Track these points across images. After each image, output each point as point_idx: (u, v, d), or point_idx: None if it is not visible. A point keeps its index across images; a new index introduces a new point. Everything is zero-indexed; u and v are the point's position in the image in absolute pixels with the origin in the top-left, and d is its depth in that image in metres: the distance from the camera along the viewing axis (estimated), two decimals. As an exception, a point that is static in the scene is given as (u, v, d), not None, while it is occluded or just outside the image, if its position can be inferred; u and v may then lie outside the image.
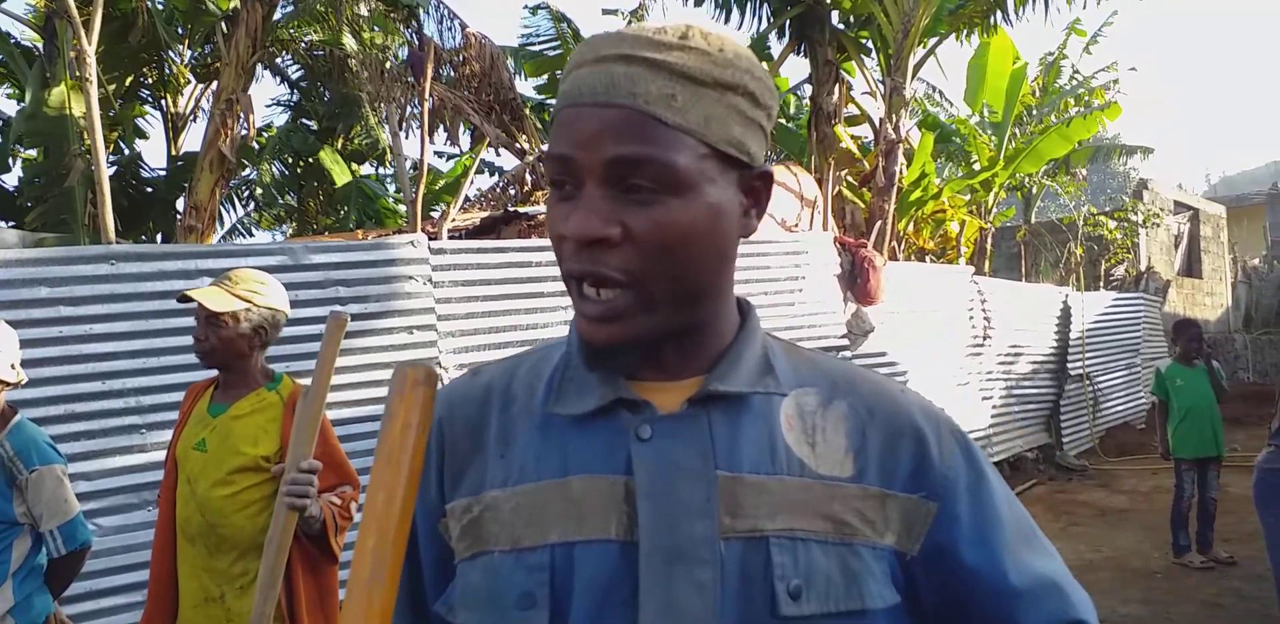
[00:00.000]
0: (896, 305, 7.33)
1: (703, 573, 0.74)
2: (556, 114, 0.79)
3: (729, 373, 0.81)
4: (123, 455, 3.95)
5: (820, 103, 10.26)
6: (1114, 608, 4.95)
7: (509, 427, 0.84)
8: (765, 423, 0.81)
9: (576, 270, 0.76)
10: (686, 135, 0.75)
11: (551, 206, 0.79)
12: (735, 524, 0.76)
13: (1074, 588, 0.86)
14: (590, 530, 0.76)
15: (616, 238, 0.74)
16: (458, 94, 7.65)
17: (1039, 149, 11.44)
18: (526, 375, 0.87)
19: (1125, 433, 10.69)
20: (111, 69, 9.50)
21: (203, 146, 7.09)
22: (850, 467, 0.80)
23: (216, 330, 2.33)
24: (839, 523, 0.78)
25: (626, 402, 0.80)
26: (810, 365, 0.87)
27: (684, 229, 0.75)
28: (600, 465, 0.78)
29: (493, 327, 5.01)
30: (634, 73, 0.75)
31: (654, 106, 0.74)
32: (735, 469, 0.78)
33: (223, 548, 2.26)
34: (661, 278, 0.76)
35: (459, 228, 6.04)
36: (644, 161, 0.73)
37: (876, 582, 0.78)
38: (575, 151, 0.75)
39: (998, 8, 10.31)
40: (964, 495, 0.83)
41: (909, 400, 0.86)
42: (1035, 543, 0.87)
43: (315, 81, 12.28)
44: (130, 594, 3.79)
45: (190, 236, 6.83)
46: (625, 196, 0.75)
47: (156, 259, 4.18)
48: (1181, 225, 17.85)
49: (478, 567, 0.80)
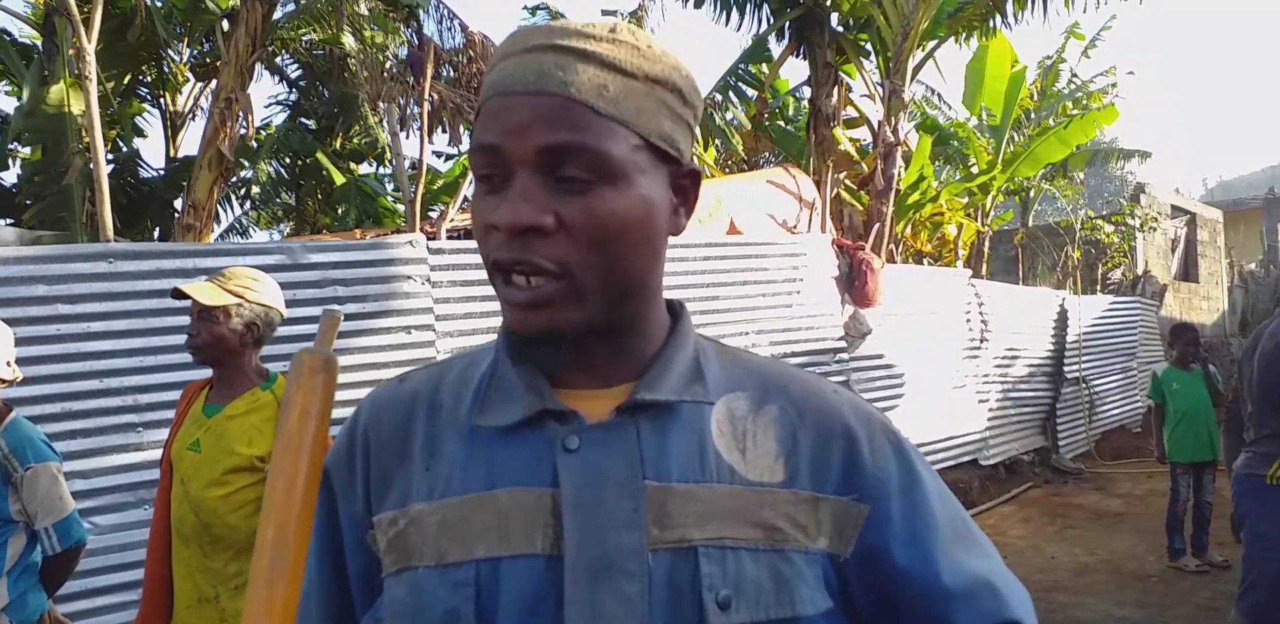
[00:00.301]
0: (894, 308, 7.33)
1: (630, 586, 0.73)
2: (483, 105, 0.77)
3: (657, 380, 0.80)
4: (119, 454, 3.95)
5: (819, 105, 10.26)
6: (1109, 611, 4.96)
7: (435, 437, 0.82)
8: (695, 430, 0.79)
9: (506, 259, 0.74)
10: (619, 125, 0.74)
11: (478, 200, 0.77)
12: (663, 535, 0.75)
13: (1010, 587, 0.85)
14: (516, 545, 0.75)
15: (550, 226, 0.72)
16: (458, 93, 7.64)
17: (1036, 153, 11.45)
18: (454, 383, 0.85)
19: (1121, 436, 10.71)
20: (110, 67, 9.48)
21: (201, 145, 7.07)
22: (781, 471, 0.79)
23: (208, 325, 2.33)
24: (770, 529, 0.77)
25: (553, 412, 0.78)
26: (742, 368, 0.85)
27: (618, 219, 0.74)
28: (527, 477, 0.77)
29: (491, 327, 5.00)
30: (564, 62, 0.74)
31: (586, 95, 0.73)
32: (664, 478, 0.76)
33: (217, 548, 2.25)
34: (593, 269, 0.74)
35: (457, 228, 6.03)
36: (577, 149, 0.72)
37: (809, 588, 0.77)
38: (505, 140, 0.73)
39: (996, 11, 10.32)
40: (896, 496, 0.82)
41: (840, 401, 0.85)
42: (971, 543, 0.85)
43: (314, 81, 12.27)
44: (125, 593, 3.79)
45: (188, 235, 6.82)
46: (557, 186, 0.73)
47: (154, 257, 4.18)
48: (1178, 229, 17.87)
49: (403, 582, 0.78)
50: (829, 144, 10.03)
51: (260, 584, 0.71)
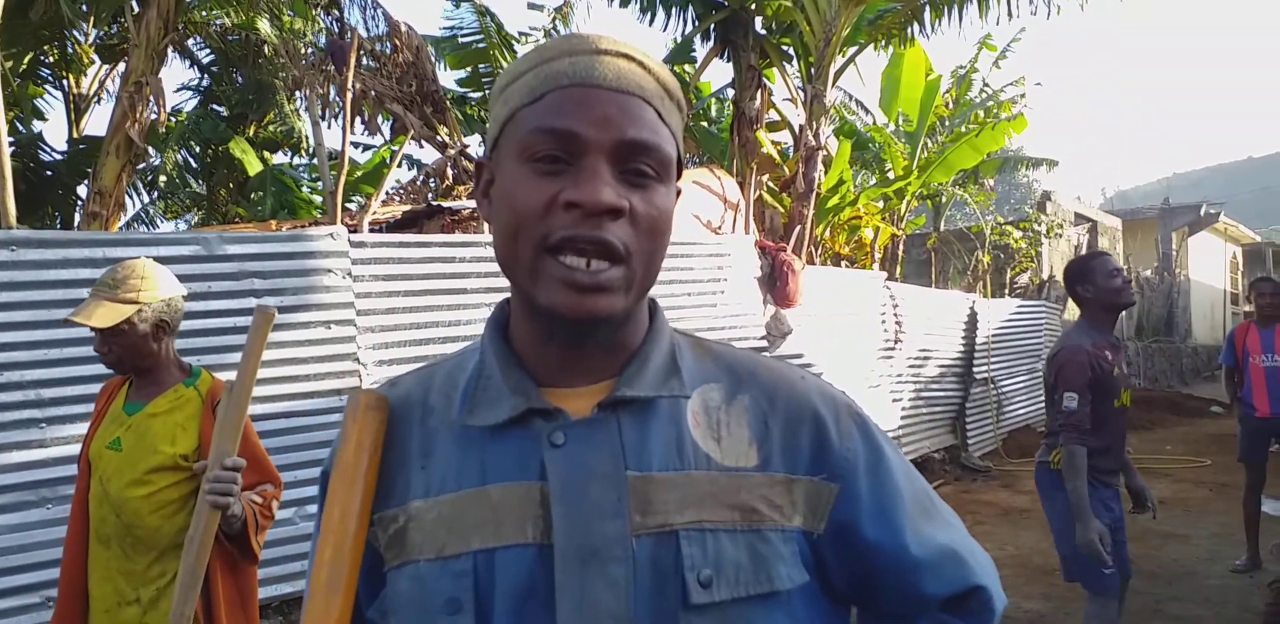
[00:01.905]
0: (813, 308, 7.45)
1: (616, 570, 0.77)
2: (551, 92, 0.79)
3: (636, 377, 0.84)
4: (20, 451, 3.77)
5: (743, 107, 10.37)
6: (1018, 604, 5.13)
7: (429, 438, 0.87)
8: (673, 422, 0.84)
9: (584, 236, 0.76)
10: (671, 134, 0.82)
11: (528, 180, 0.78)
12: (646, 521, 0.79)
13: (973, 555, 0.92)
14: (509, 536, 0.79)
15: (626, 210, 0.77)
16: (380, 82, 7.50)
17: (950, 159, 11.78)
18: (443, 385, 0.90)
19: (1027, 435, 11.05)
20: (9, 45, 9.05)
21: (109, 130, 6.80)
22: (755, 456, 0.84)
23: (116, 340, 2.23)
24: (747, 511, 0.81)
25: (539, 410, 0.82)
26: (714, 360, 0.90)
27: (667, 216, 0.81)
28: (516, 473, 0.81)
29: (414, 322, 4.92)
30: (635, 70, 0.82)
31: (655, 102, 0.81)
32: (645, 468, 0.81)
33: (139, 549, 2.18)
34: (643, 258, 0.80)
35: (379, 221, 5.92)
36: (652, 148, 0.79)
37: (786, 564, 0.82)
38: (587, 129, 0.77)
39: (915, 19, 10.55)
40: (864, 474, 0.87)
41: (808, 386, 0.90)
42: (935, 515, 0.92)
43: (228, 67, 11.90)
44: (28, 595, 3.63)
45: (94, 223, 6.54)
46: (623, 178, 0.79)
47: (61, 246, 4.00)
48: (1081, 236, 18.58)
49: (405, 575, 0.83)
50: (752, 146, 10.13)
51: (318, 598, 0.80)
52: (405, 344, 4.87)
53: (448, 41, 11.30)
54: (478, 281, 5.06)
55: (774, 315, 7.08)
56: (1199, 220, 22.82)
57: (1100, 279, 3.42)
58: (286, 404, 4.44)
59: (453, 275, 5.04)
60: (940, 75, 12.97)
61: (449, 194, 8.85)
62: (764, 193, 10.16)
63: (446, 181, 8.95)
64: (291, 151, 13.19)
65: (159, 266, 2.38)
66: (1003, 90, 15.51)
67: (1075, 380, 3.34)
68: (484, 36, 11.17)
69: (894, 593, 0.89)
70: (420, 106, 8.66)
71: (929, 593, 0.88)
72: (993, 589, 0.91)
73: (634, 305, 0.82)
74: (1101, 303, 3.45)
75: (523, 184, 0.79)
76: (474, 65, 11.32)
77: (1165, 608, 4.98)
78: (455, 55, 11.25)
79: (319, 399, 4.56)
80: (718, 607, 0.78)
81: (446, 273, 5.03)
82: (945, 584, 0.88)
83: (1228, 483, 8.03)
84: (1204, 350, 21.16)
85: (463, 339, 4.95)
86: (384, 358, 4.79)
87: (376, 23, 8.40)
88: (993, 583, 0.92)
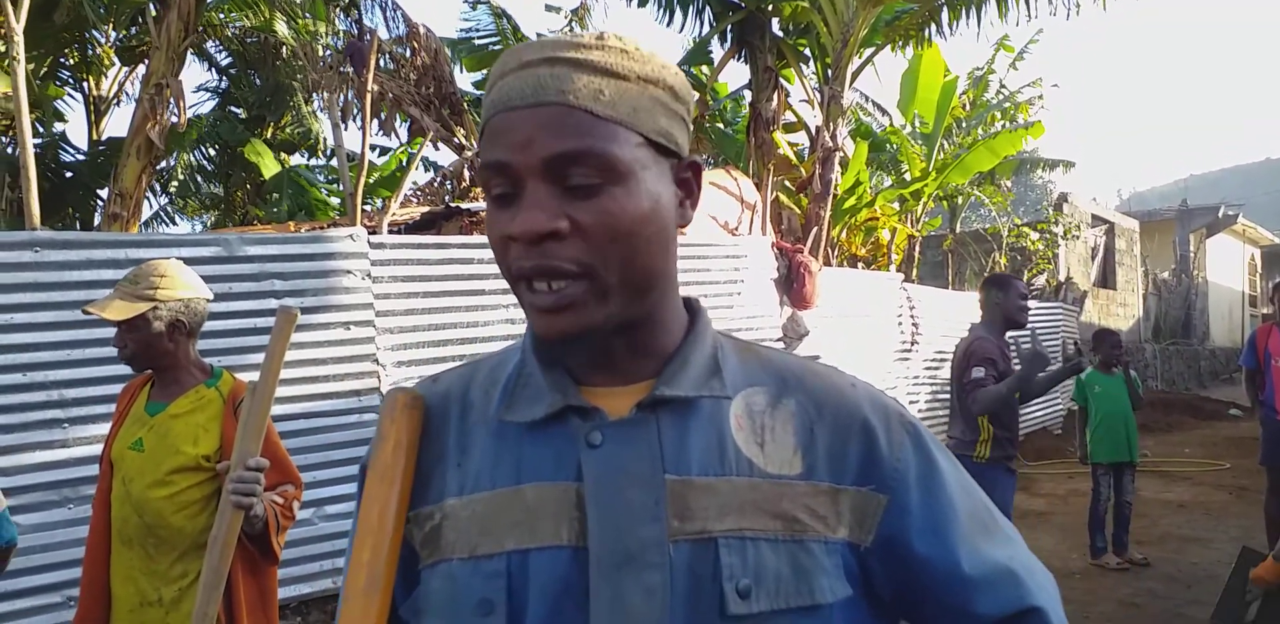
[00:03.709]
0: (830, 310, 7.44)
1: (652, 576, 0.75)
2: (486, 123, 0.79)
3: (676, 376, 0.82)
4: (43, 451, 3.81)
5: (759, 109, 10.34)
6: (1035, 608, 5.10)
7: (466, 434, 0.85)
8: (714, 425, 0.81)
9: (528, 267, 0.76)
10: (619, 126, 0.76)
11: (492, 216, 0.79)
12: (684, 527, 0.77)
13: (1033, 575, 0.87)
14: (543, 537, 0.78)
15: (564, 230, 0.75)
16: (398, 84, 7.52)
17: (966, 161, 11.73)
18: (483, 382, 0.88)
19: (1043, 438, 11.00)
20: (32, 48, 9.12)
21: (129, 132, 6.84)
22: (799, 464, 0.81)
23: (132, 336, 2.26)
24: (789, 520, 0.79)
25: (577, 408, 0.81)
26: (760, 363, 0.87)
27: (630, 217, 0.76)
28: (552, 472, 0.79)
29: (432, 324, 4.94)
30: (559, 73, 0.76)
31: (584, 101, 0.75)
32: (684, 472, 0.79)
33: (162, 549, 2.19)
34: (612, 266, 0.76)
35: (398, 222, 5.94)
36: (583, 154, 0.75)
37: (828, 576, 0.79)
38: (511, 156, 0.75)
39: (932, 20, 10.51)
40: (915, 486, 0.84)
41: (859, 394, 0.87)
42: (993, 531, 0.87)
43: (246, 69, 11.96)
44: (49, 595, 3.66)
45: (115, 224, 6.59)
46: (568, 193, 0.75)
47: (84, 247, 4.04)
48: (1098, 238, 18.46)
49: (438, 574, 0.81)
50: (768, 148, 10.12)
51: (356, 597, 0.79)
52: (424, 345, 4.89)
53: (464, 43, 11.33)
54: (495, 282, 5.07)
55: (790, 317, 7.07)
56: (1217, 222, 22.65)
57: (1013, 297, 4.17)
58: (305, 405, 4.47)
59: (471, 276, 5.05)
60: (957, 77, 12.92)
61: (466, 196, 8.88)
62: (781, 194, 10.14)
63: (464, 183, 8.97)
64: (309, 153, 13.25)
65: (185, 269, 2.39)
66: (1020, 91, 15.42)
67: (984, 359, 3.93)
68: (500, 39, 11.20)
69: (943, 612, 0.85)
70: (438, 108, 8.68)
71: (980, 613, 0.84)
72: (1050, 611, 0.86)
73: (625, 310, 0.79)
74: (1006, 314, 4.16)
75: (489, 220, 0.80)
76: (490, 68, 11.34)
77: (1185, 611, 4.94)
78: (472, 57, 11.28)
79: (338, 400, 4.59)
80: (755, 618, 0.76)
81: (464, 274, 5.04)
82: (998, 604, 0.84)
83: (1248, 486, 7.97)
84: (1222, 353, 21.01)
85: (481, 340, 4.96)
86: (403, 358, 4.81)
87: (397, 24, 8.43)
88: (1052, 605, 0.87)
